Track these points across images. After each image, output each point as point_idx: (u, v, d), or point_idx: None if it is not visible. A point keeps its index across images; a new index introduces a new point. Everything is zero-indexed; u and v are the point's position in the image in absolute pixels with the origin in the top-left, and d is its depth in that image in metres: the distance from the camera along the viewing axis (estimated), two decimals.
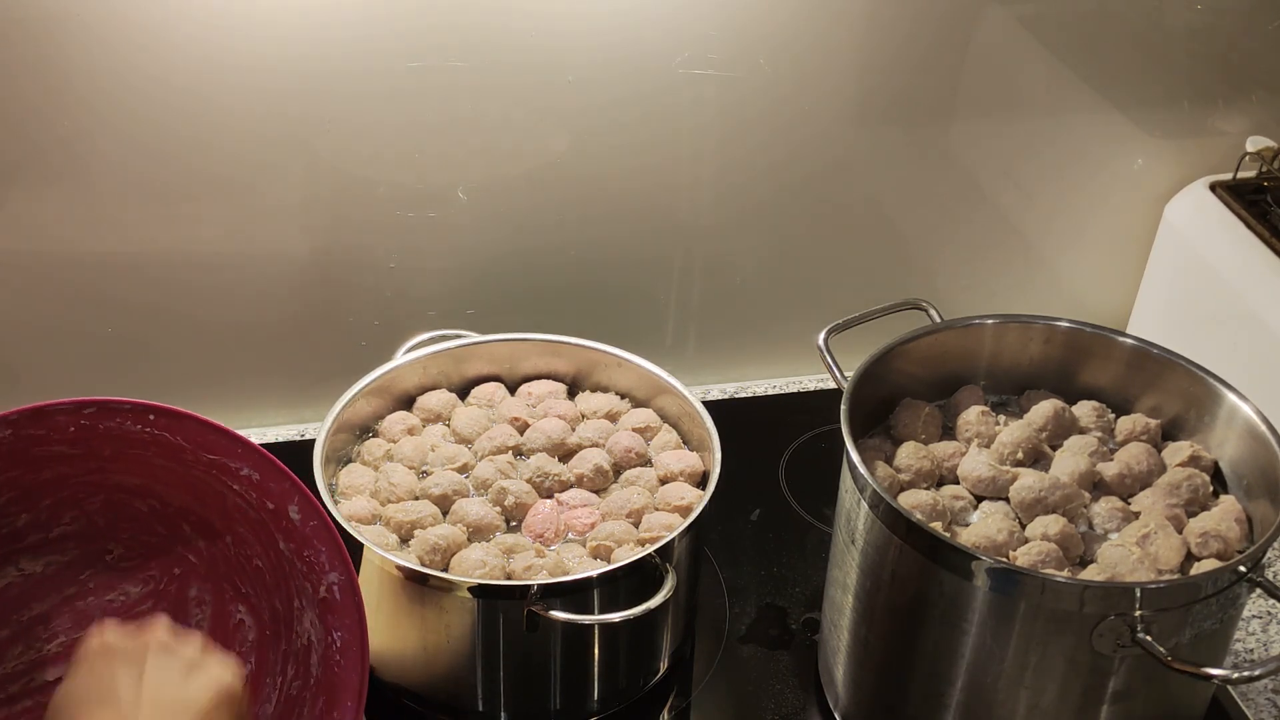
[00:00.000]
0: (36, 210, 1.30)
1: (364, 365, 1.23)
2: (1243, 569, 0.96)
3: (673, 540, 1.07)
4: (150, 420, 0.96)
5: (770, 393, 1.54)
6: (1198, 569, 1.03)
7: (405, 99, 1.31)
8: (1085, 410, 1.17)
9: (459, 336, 1.27)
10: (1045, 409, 1.15)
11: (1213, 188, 1.49)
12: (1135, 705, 1.00)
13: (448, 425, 1.24)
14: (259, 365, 1.44)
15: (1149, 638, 0.93)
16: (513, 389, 1.28)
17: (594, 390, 1.28)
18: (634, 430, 1.23)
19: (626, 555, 1.09)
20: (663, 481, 1.19)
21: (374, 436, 1.23)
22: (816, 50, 1.37)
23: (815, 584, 1.29)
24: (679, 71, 1.35)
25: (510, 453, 1.21)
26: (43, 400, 0.94)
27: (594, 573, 1.05)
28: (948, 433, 1.18)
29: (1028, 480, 1.09)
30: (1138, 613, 0.93)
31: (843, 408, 1.06)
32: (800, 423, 1.48)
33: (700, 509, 1.10)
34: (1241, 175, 1.48)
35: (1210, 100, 1.48)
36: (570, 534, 1.14)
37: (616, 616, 1.04)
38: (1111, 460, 1.13)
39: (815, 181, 1.46)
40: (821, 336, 1.17)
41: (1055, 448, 1.15)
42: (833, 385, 1.13)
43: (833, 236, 1.50)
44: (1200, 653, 0.99)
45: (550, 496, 1.17)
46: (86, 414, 0.95)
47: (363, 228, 1.38)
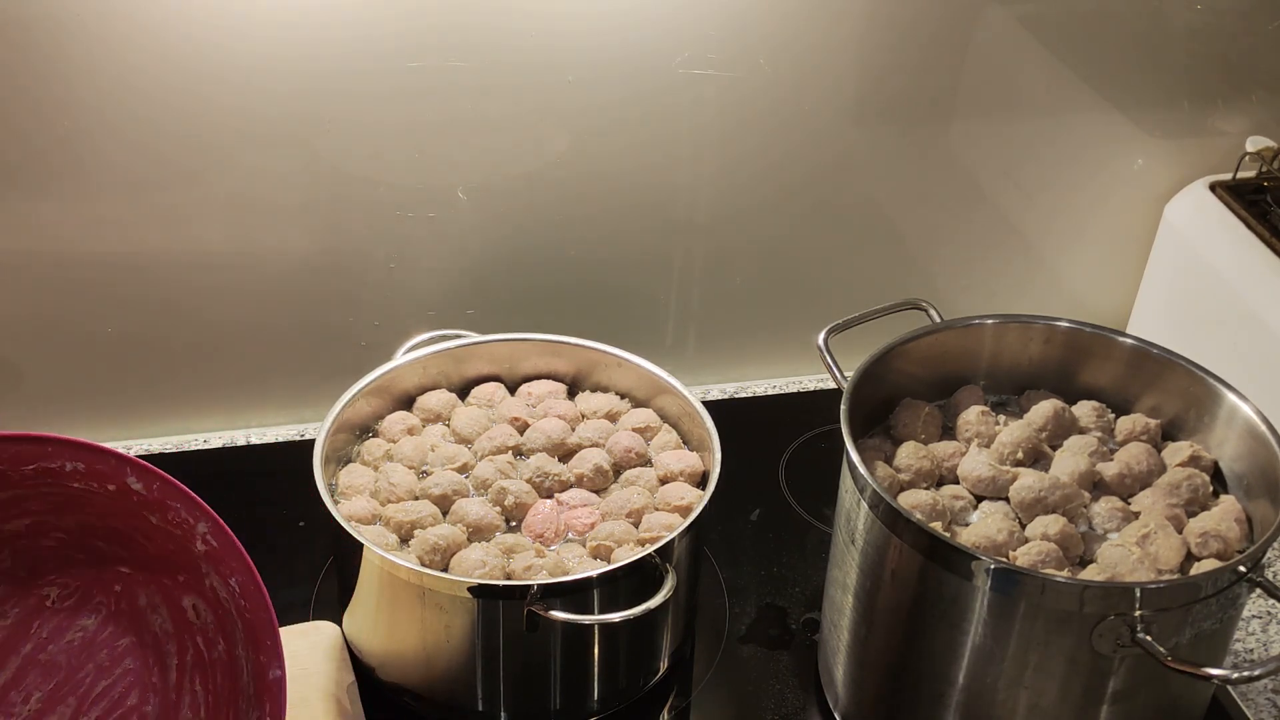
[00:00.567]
0: (36, 210, 1.30)
1: (364, 365, 1.23)
2: (1243, 569, 0.96)
3: (673, 540, 1.07)
4: None
5: (770, 393, 1.54)
6: (1198, 569, 1.03)
7: (405, 99, 1.31)
8: (1085, 410, 1.17)
9: (459, 336, 1.27)
10: (1045, 409, 1.15)
11: (1213, 188, 1.49)
12: (1135, 705, 1.01)
13: (448, 425, 1.24)
14: (259, 365, 1.44)
15: (1149, 638, 0.93)
16: (513, 389, 1.28)
17: (594, 390, 1.28)
18: (634, 430, 1.23)
19: (626, 555, 1.09)
20: (663, 481, 1.19)
21: (374, 436, 1.23)
22: (816, 50, 1.37)
23: (815, 584, 1.29)
24: (679, 71, 1.35)
25: (510, 453, 1.21)
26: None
27: (594, 573, 1.05)
28: (948, 433, 1.18)
29: (1028, 480, 1.09)
30: (1138, 613, 0.93)
31: (843, 408, 1.06)
32: (800, 423, 1.48)
33: (700, 509, 1.10)
34: (1241, 175, 1.48)
35: (1210, 100, 1.48)
36: (570, 534, 1.14)
37: (616, 616, 1.04)
38: (1111, 460, 1.13)
39: (815, 181, 1.46)
40: (821, 336, 1.17)
41: (1055, 448, 1.15)
42: (833, 385, 1.13)
43: (833, 236, 1.50)
44: (1200, 653, 0.99)
45: (550, 496, 1.17)
46: None
47: (363, 228, 1.38)
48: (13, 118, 1.24)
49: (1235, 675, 0.94)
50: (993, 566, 0.96)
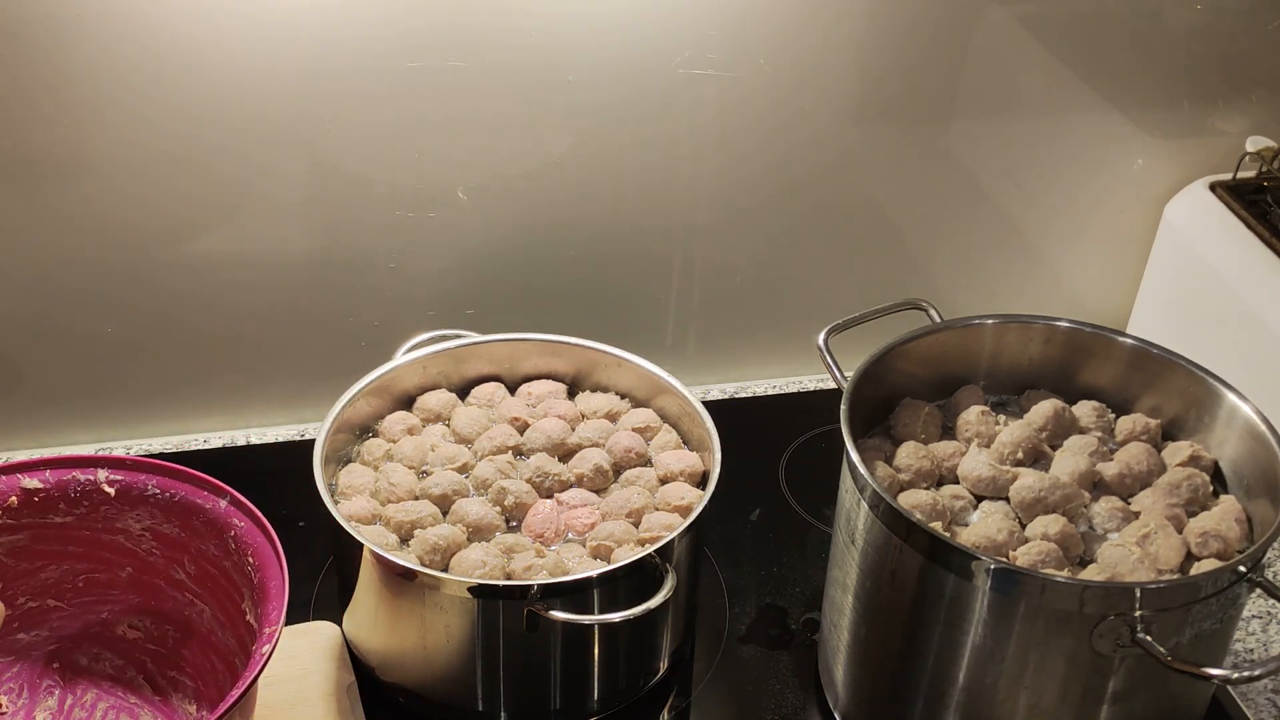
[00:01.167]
0: (36, 210, 1.30)
1: (364, 365, 1.23)
2: (1243, 569, 0.96)
3: (673, 540, 1.07)
4: None
5: (770, 393, 1.54)
6: (1198, 569, 1.03)
7: (405, 99, 1.31)
8: (1085, 410, 1.17)
9: (459, 336, 1.27)
10: (1045, 409, 1.15)
11: (1213, 188, 1.49)
12: (1135, 705, 1.01)
13: (448, 425, 1.24)
14: (259, 365, 1.44)
15: (1149, 638, 0.93)
16: (513, 389, 1.28)
17: (594, 390, 1.28)
18: (634, 430, 1.23)
19: (626, 555, 1.09)
20: (663, 481, 1.19)
21: (374, 436, 1.23)
22: (816, 50, 1.37)
23: (815, 584, 1.29)
24: (679, 71, 1.35)
25: (510, 453, 1.21)
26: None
27: (594, 573, 1.05)
28: (948, 433, 1.18)
29: (1028, 480, 1.09)
30: (1138, 613, 0.93)
31: (843, 408, 1.06)
32: (800, 423, 1.48)
33: (700, 509, 1.10)
34: (1241, 175, 1.48)
35: (1210, 100, 1.48)
36: (570, 534, 1.14)
37: (616, 616, 1.04)
38: (1111, 460, 1.13)
39: (815, 181, 1.46)
40: (821, 336, 1.17)
41: (1055, 448, 1.15)
42: (833, 385, 1.13)
43: (833, 236, 1.50)
44: (1200, 653, 0.99)
45: (550, 496, 1.17)
46: None
47: (363, 228, 1.38)
48: (12, 117, 1.23)
49: (1235, 675, 0.94)
50: (993, 566, 0.96)
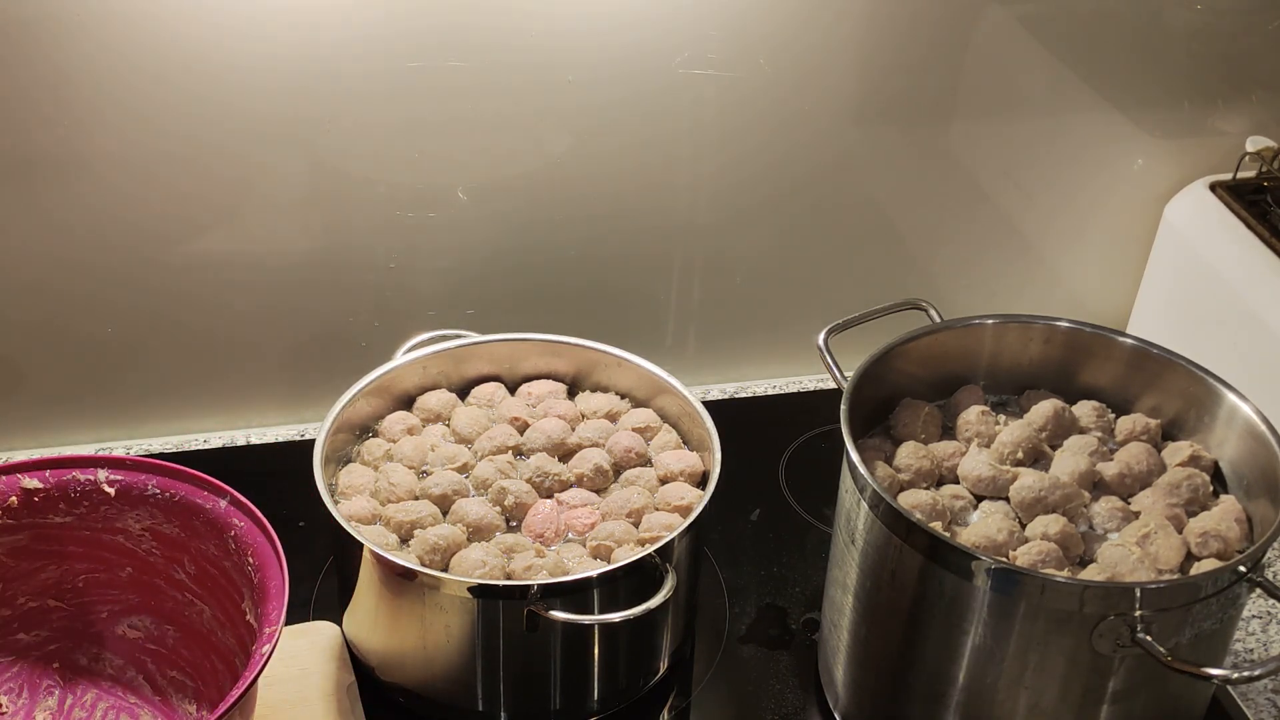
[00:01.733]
0: (36, 210, 1.29)
1: (364, 365, 1.23)
2: (1243, 569, 0.96)
3: (673, 540, 1.07)
4: None
5: (770, 393, 1.54)
6: (1198, 569, 1.03)
7: (405, 99, 1.31)
8: (1085, 410, 1.17)
9: (459, 336, 1.27)
10: (1045, 409, 1.15)
11: (1213, 188, 1.49)
12: (1135, 705, 1.01)
13: (448, 425, 1.24)
14: (259, 365, 1.44)
15: (1149, 638, 0.93)
16: (513, 389, 1.28)
17: (594, 390, 1.28)
18: (634, 430, 1.23)
19: (626, 555, 1.09)
20: (663, 481, 1.19)
21: (374, 436, 1.23)
22: (816, 50, 1.37)
23: (815, 584, 1.29)
24: (679, 71, 1.35)
25: (510, 453, 1.21)
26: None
27: (594, 573, 1.05)
28: (948, 433, 1.18)
29: (1028, 480, 1.09)
30: (1138, 613, 0.93)
31: (843, 408, 1.06)
32: (800, 423, 1.48)
33: (700, 509, 1.10)
34: (1241, 175, 1.48)
35: (1210, 100, 1.48)
36: (570, 534, 1.14)
37: (616, 616, 1.04)
38: (1111, 460, 1.13)
39: (815, 181, 1.46)
40: (821, 336, 1.17)
41: (1055, 447, 1.15)
42: (833, 385, 1.13)
43: (833, 236, 1.50)
44: (1200, 653, 0.99)
45: (550, 496, 1.17)
46: None
47: (363, 228, 1.38)
48: (12, 117, 1.23)
49: (1235, 675, 0.94)
50: (993, 566, 0.96)
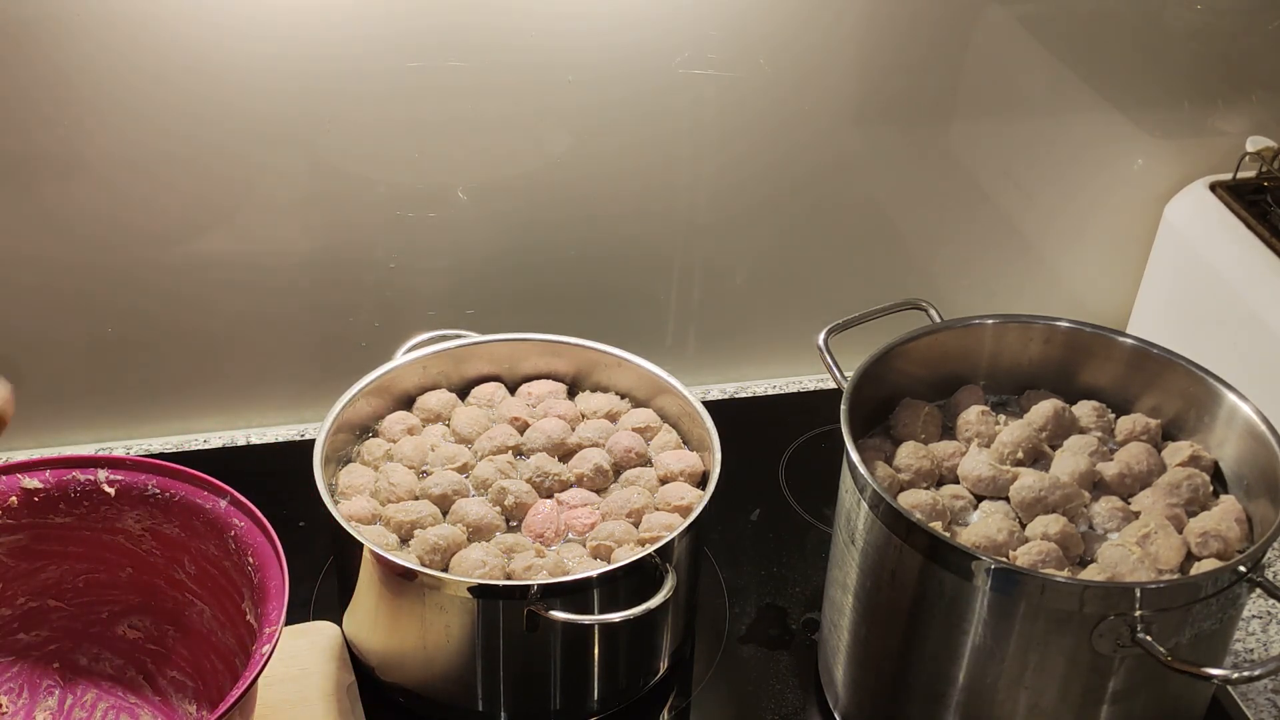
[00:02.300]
0: (36, 210, 1.29)
1: (364, 365, 1.23)
2: (1243, 569, 0.96)
3: (673, 540, 1.07)
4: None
5: (770, 393, 1.54)
6: (1198, 569, 1.03)
7: (405, 99, 1.31)
8: (1085, 410, 1.17)
9: (459, 336, 1.27)
10: (1045, 409, 1.15)
11: (1213, 188, 1.49)
12: (1135, 705, 1.01)
13: (448, 425, 1.24)
14: (259, 365, 1.44)
15: (1149, 638, 0.93)
16: (513, 389, 1.28)
17: (594, 390, 1.28)
18: (634, 430, 1.23)
19: (626, 555, 1.09)
20: (663, 481, 1.19)
21: (374, 436, 1.23)
22: (816, 50, 1.37)
23: (815, 584, 1.29)
24: (679, 71, 1.35)
25: (510, 453, 1.21)
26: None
27: (594, 573, 1.05)
28: (948, 433, 1.18)
29: (1028, 480, 1.09)
30: (1138, 613, 0.93)
31: (843, 408, 1.06)
32: (800, 423, 1.48)
33: (700, 509, 1.10)
34: (1241, 175, 1.48)
35: (1210, 100, 1.48)
36: (570, 534, 1.14)
37: (616, 616, 1.04)
38: (1111, 460, 1.13)
39: (815, 181, 1.46)
40: (821, 336, 1.17)
41: (1055, 447, 1.15)
42: (833, 385, 1.13)
43: (833, 236, 1.50)
44: (1200, 653, 0.99)
45: (550, 496, 1.17)
46: None
47: (363, 227, 1.38)
48: (12, 117, 1.23)
49: (1235, 675, 0.94)
50: (993, 566, 0.96)
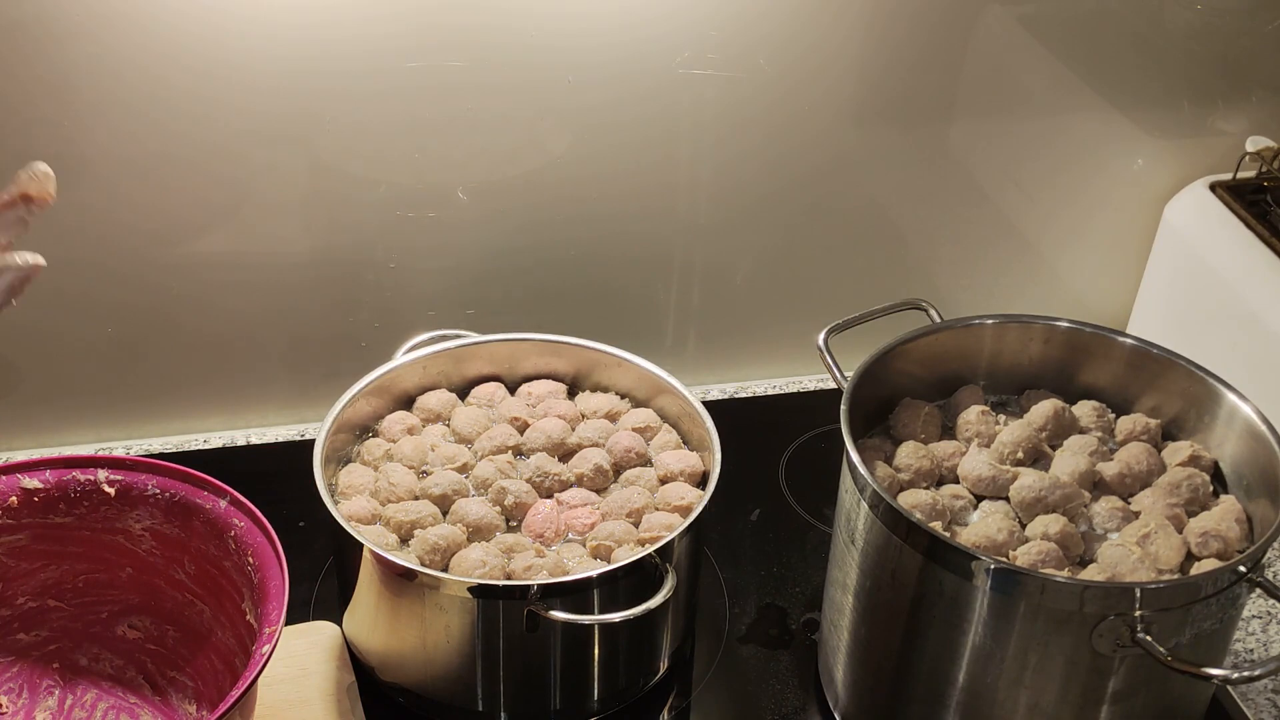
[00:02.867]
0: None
1: (364, 365, 1.23)
2: (1243, 569, 0.96)
3: (673, 540, 1.07)
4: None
5: (770, 393, 1.54)
6: (1198, 569, 1.03)
7: (405, 99, 1.31)
8: (1085, 410, 1.17)
9: (459, 336, 1.27)
10: (1045, 409, 1.15)
11: (1213, 188, 1.49)
12: (1135, 705, 1.01)
13: (448, 425, 1.24)
14: (259, 365, 1.44)
15: (1149, 638, 0.93)
16: (513, 389, 1.28)
17: (594, 390, 1.28)
18: (634, 430, 1.23)
19: (626, 555, 1.09)
20: (663, 481, 1.19)
21: (374, 436, 1.23)
22: (816, 50, 1.37)
23: (815, 584, 1.29)
24: (679, 71, 1.35)
25: (510, 452, 1.21)
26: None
27: (594, 573, 1.05)
28: (947, 432, 1.18)
29: (1028, 480, 1.09)
30: (1138, 613, 0.93)
31: (843, 408, 1.06)
32: (800, 423, 1.48)
33: (700, 509, 1.10)
34: (1241, 175, 1.48)
35: (1210, 100, 1.48)
36: (570, 534, 1.14)
37: (616, 616, 1.04)
38: (1111, 460, 1.13)
39: (815, 181, 1.46)
40: (821, 336, 1.17)
41: (1055, 447, 1.15)
42: (833, 385, 1.13)
43: (833, 236, 1.50)
44: (1200, 653, 0.99)
45: (550, 496, 1.17)
46: None
47: (363, 227, 1.38)
48: (12, 117, 1.23)
49: (1235, 675, 0.94)
50: (993, 566, 0.96)
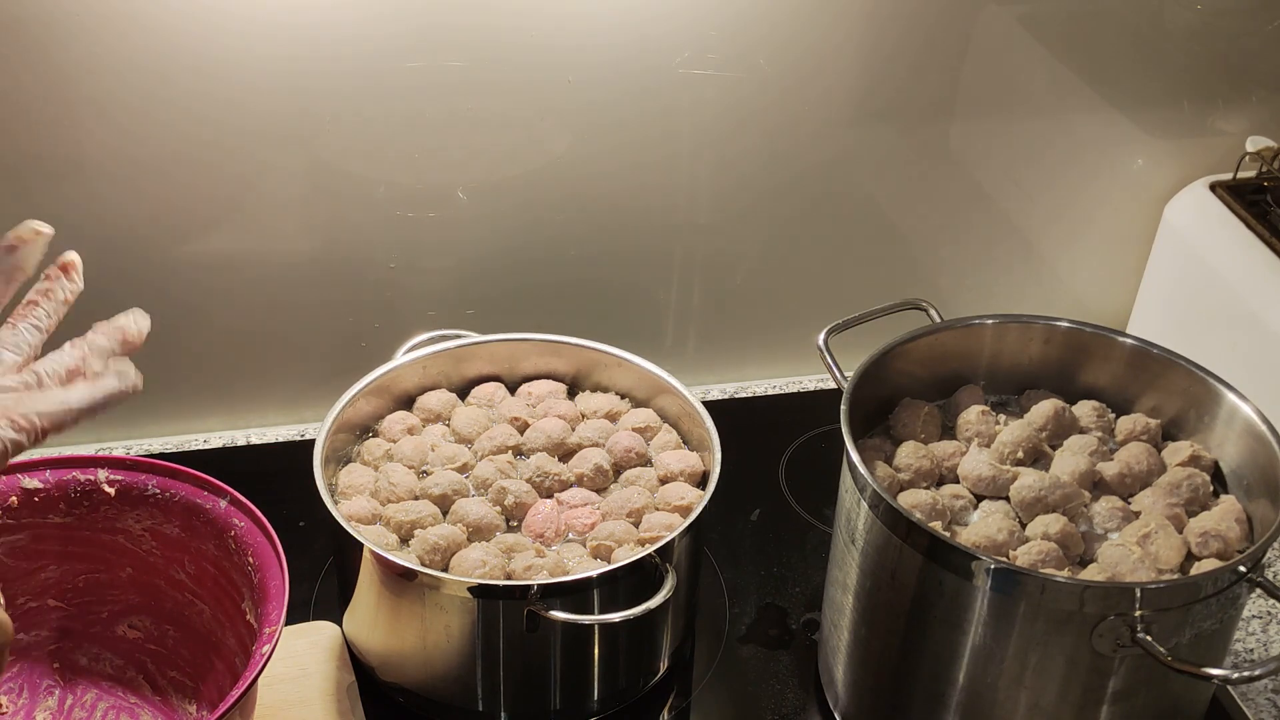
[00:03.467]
0: (35, 209, 1.28)
1: (364, 365, 1.23)
2: (1243, 569, 0.96)
3: (673, 540, 1.07)
4: None
5: (770, 393, 1.54)
6: (1198, 569, 1.03)
7: (405, 98, 1.31)
8: (1085, 410, 1.17)
9: (459, 336, 1.27)
10: (1045, 409, 1.15)
11: (1213, 188, 1.49)
12: (1135, 705, 1.01)
13: (448, 425, 1.24)
14: (259, 365, 1.44)
15: (1149, 638, 0.93)
16: (513, 389, 1.28)
17: (594, 390, 1.28)
18: (634, 430, 1.23)
19: (626, 555, 1.09)
20: (663, 481, 1.19)
21: (374, 436, 1.23)
22: (816, 50, 1.37)
23: (815, 584, 1.29)
24: (679, 71, 1.35)
25: (510, 452, 1.21)
26: None
27: (594, 573, 1.05)
28: (948, 432, 1.18)
29: (1028, 479, 1.09)
30: (1138, 613, 0.93)
31: (843, 408, 1.06)
32: (800, 423, 1.48)
33: (700, 509, 1.10)
34: (1241, 175, 1.48)
35: (1210, 100, 1.48)
36: (570, 534, 1.14)
37: (616, 616, 1.04)
38: (1111, 460, 1.13)
39: (815, 181, 1.46)
40: (821, 336, 1.17)
41: (1055, 447, 1.15)
42: (833, 385, 1.13)
43: (833, 236, 1.50)
44: (1200, 653, 0.99)
45: (550, 496, 1.17)
46: None
47: (363, 227, 1.38)
48: (12, 117, 1.23)
49: (1235, 675, 0.94)
50: (993, 566, 0.96)
